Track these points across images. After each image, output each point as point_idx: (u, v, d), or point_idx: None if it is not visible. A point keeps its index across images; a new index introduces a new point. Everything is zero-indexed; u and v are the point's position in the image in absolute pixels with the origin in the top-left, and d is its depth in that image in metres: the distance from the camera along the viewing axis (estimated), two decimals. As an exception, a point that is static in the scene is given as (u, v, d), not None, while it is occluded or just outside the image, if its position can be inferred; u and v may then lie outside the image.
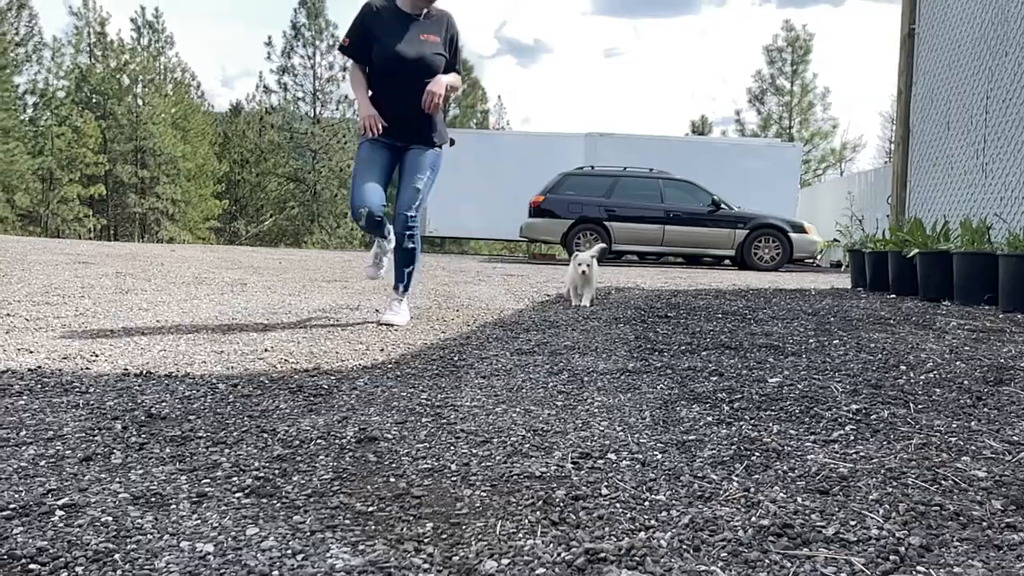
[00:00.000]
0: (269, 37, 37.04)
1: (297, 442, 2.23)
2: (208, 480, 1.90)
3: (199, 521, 1.64)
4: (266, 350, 3.72)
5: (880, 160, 32.45)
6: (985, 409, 2.71)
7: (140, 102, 36.47)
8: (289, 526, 1.62)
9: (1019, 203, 6.73)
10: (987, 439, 2.32)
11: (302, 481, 1.90)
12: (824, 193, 23.03)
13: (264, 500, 1.77)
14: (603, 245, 6.93)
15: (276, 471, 1.97)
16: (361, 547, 1.53)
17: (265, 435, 2.29)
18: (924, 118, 8.39)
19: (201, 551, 1.49)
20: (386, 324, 4.63)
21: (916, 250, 6.87)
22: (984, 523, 1.66)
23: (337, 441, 2.24)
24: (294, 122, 37.50)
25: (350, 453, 2.14)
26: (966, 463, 2.07)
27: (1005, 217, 6.73)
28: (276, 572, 1.41)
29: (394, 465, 2.05)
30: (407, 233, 4.75)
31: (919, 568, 1.44)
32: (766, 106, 36.19)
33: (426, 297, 6.45)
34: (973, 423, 2.51)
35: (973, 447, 2.23)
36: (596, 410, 2.70)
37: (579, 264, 5.72)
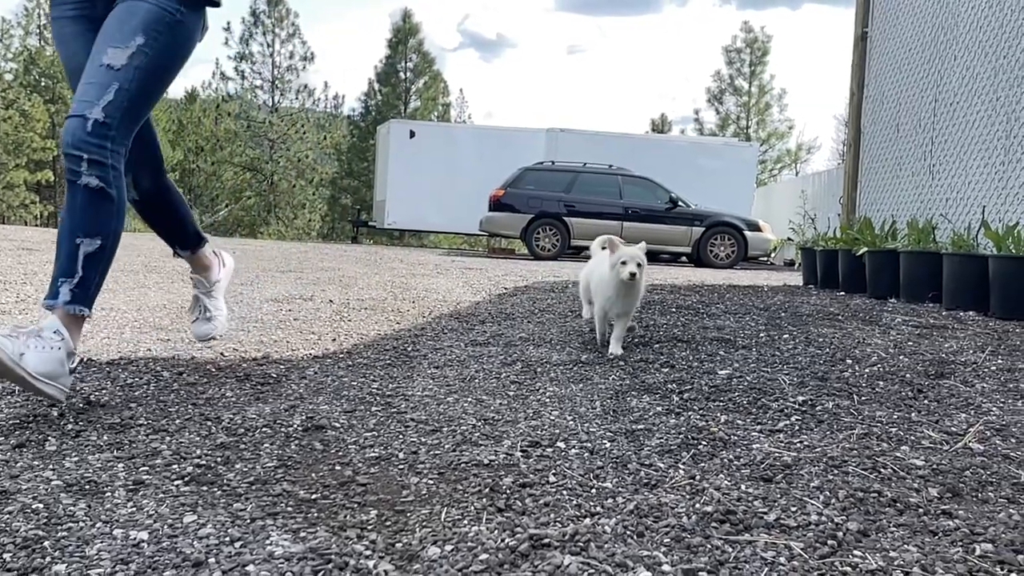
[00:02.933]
0: (227, 23, 36.28)
1: (242, 430, 2.18)
2: (146, 468, 1.85)
3: (134, 509, 1.60)
4: (214, 339, 3.64)
5: (834, 162, 33.18)
6: (925, 401, 2.77)
7: (91, 86, 35.42)
8: (229, 514, 1.59)
9: (964, 204, 6.93)
10: (926, 429, 2.37)
11: (245, 469, 1.87)
12: (779, 193, 23.44)
13: (204, 488, 1.73)
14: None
15: (218, 459, 1.93)
16: (303, 534, 1.50)
17: (209, 423, 2.24)
18: (875, 120, 8.58)
19: (135, 538, 1.45)
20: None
21: (865, 249, 7.02)
22: (920, 509, 1.70)
23: (283, 429, 2.20)
24: (251, 111, 36.85)
25: (296, 441, 2.11)
26: (905, 452, 2.12)
27: (950, 217, 6.92)
28: (212, 559, 1.37)
29: (341, 453, 2.02)
30: (83, 157, 2.28)
31: (856, 552, 1.46)
32: (724, 106, 36.70)
33: (382, 289, 6.40)
34: (913, 414, 2.57)
35: (913, 437, 2.28)
36: (548, 400, 2.70)
37: (624, 262, 3.35)
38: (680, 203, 15.43)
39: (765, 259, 17.21)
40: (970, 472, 1.96)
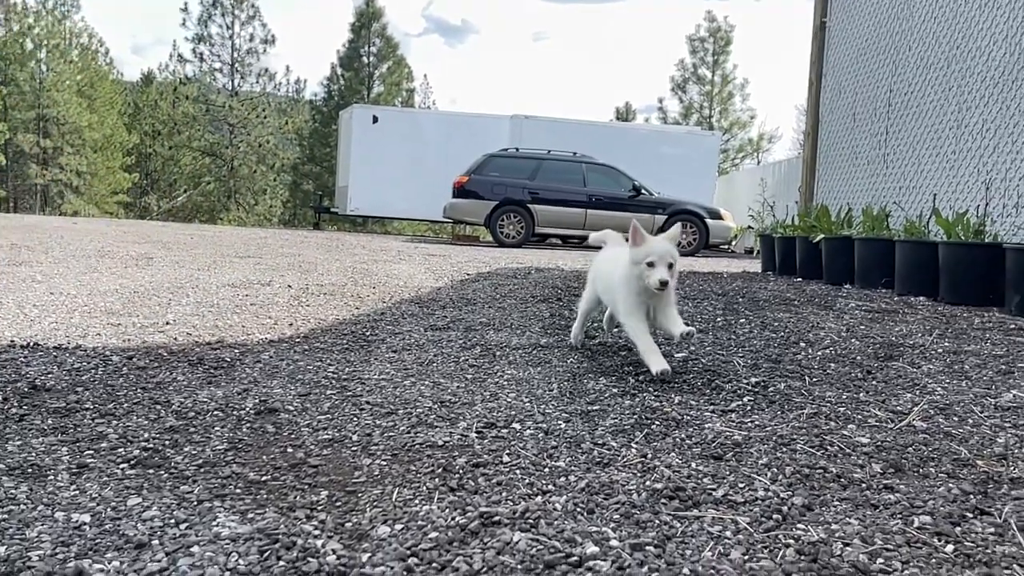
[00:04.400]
0: (185, 3, 35.43)
1: (192, 413, 2.15)
2: (91, 451, 1.81)
3: (77, 492, 1.56)
4: (167, 323, 3.58)
5: (795, 151, 33.66)
6: (874, 382, 2.84)
7: (44, 68, 34.45)
8: (175, 496, 1.57)
9: (916, 192, 7.08)
10: (873, 409, 2.43)
11: (194, 452, 1.84)
12: (740, 181, 23.71)
13: (151, 471, 1.71)
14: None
15: (167, 442, 1.90)
16: (250, 515, 1.48)
17: (158, 407, 2.20)
18: (832, 109, 8.71)
19: (77, 521, 1.42)
20: None
21: (821, 236, 7.14)
22: (864, 484, 1.74)
23: (235, 413, 2.18)
24: (210, 94, 36.11)
25: (248, 424, 2.08)
26: (852, 430, 2.17)
27: (903, 205, 7.06)
28: (156, 541, 1.35)
29: (293, 436, 2.00)
30: None
31: (799, 525, 1.50)
32: (688, 95, 36.96)
33: (342, 274, 6.34)
34: (861, 395, 2.63)
35: (859, 416, 2.33)
36: (505, 383, 2.70)
37: (652, 263, 2.64)
38: (643, 191, 15.51)
39: (726, 247, 17.41)
40: (912, 449, 2.01)
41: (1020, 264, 4.90)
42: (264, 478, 1.69)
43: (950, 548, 1.41)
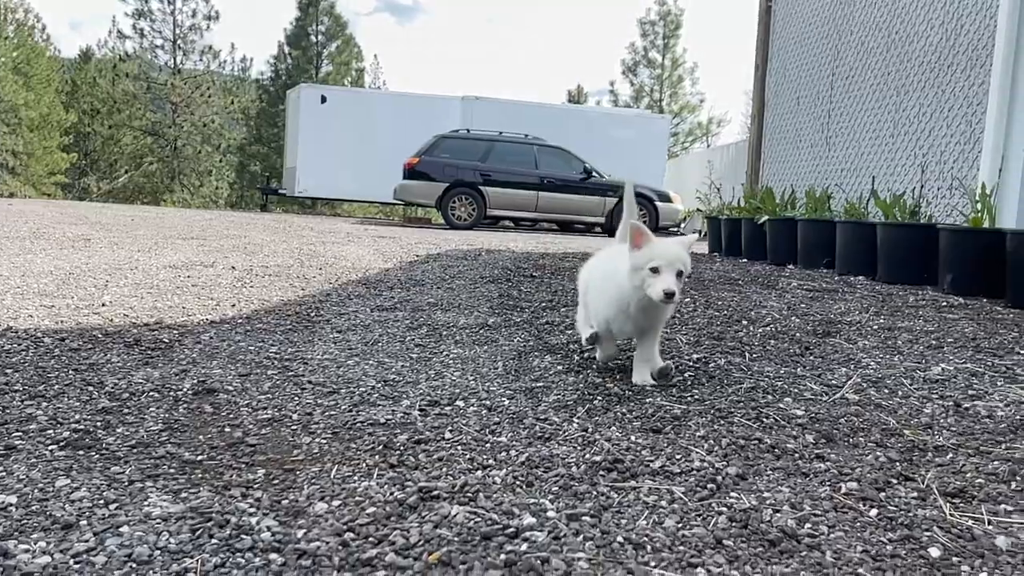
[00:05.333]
0: (124, -23, 34.18)
1: (127, 395, 2.10)
2: (20, 433, 1.76)
3: (4, 473, 1.52)
4: (103, 305, 3.48)
5: (743, 135, 34.18)
6: (811, 358, 2.91)
7: (-27, 43, 32.96)
8: (106, 477, 1.53)
9: (856, 174, 7.26)
10: (809, 383, 2.50)
11: (127, 433, 1.80)
12: (690, 164, 24.00)
13: (81, 452, 1.66)
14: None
15: (99, 423, 1.85)
16: (184, 495, 1.46)
17: (91, 388, 2.14)
18: (777, 93, 8.86)
19: (3, 502, 1.38)
20: None
21: (766, 217, 7.28)
22: (796, 454, 1.78)
23: (172, 393, 2.13)
24: (152, 72, 34.98)
25: (185, 405, 2.04)
26: (787, 403, 2.22)
27: (844, 187, 7.24)
28: (84, 521, 1.32)
29: (231, 416, 1.97)
30: None
31: (733, 494, 1.53)
32: (639, 78, 37.16)
33: (289, 256, 6.24)
34: (799, 369, 2.69)
35: (796, 390, 2.39)
36: (451, 361, 2.70)
37: (656, 269, 2.22)
38: (594, 173, 15.59)
39: (676, 229, 17.64)
40: (844, 420, 2.07)
41: (952, 244, 5.07)
42: (200, 458, 1.66)
43: (874, 512, 1.46)
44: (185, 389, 2.17)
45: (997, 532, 1.40)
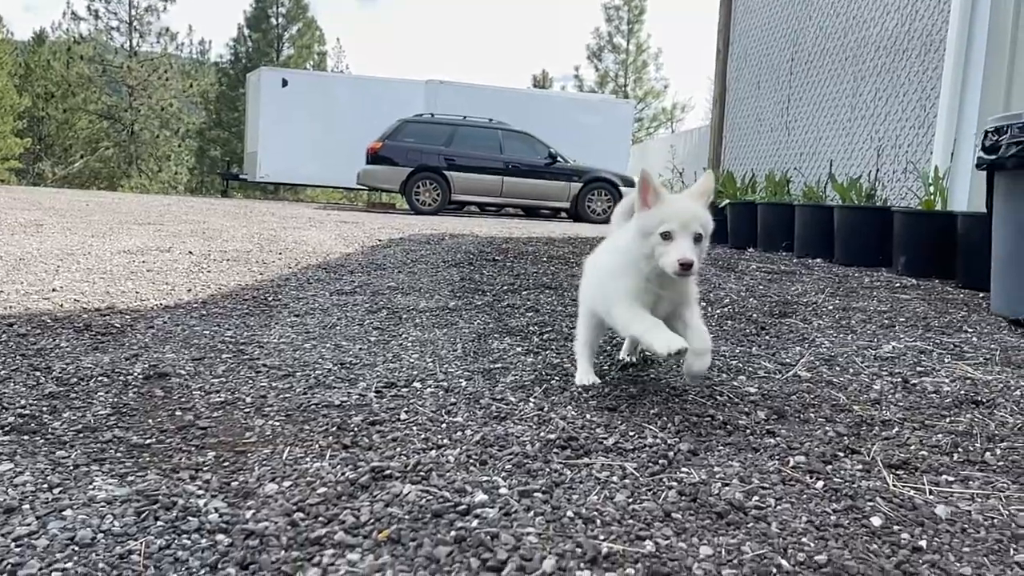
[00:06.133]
0: (77, -43, 33.20)
1: (75, 380, 2.05)
2: (-40, 420, 1.71)
3: (-59, 461, 1.48)
4: (54, 290, 3.40)
5: (707, 121, 34.33)
6: (767, 337, 2.96)
7: (-80, 24, 31.81)
8: (50, 461, 1.50)
9: (815, 158, 7.36)
10: (763, 361, 2.53)
11: (73, 417, 1.76)
12: (654, 150, 24.11)
13: (26, 437, 1.63)
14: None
15: (45, 408, 1.81)
16: (130, 478, 1.43)
17: (38, 373, 2.09)
18: (738, 77, 8.93)
19: (-61, 490, 1.34)
20: None
21: (727, 201, 7.35)
22: (747, 430, 1.81)
23: (122, 378, 2.09)
24: (107, 54, 34.10)
25: (135, 389, 2.00)
26: (741, 381, 2.26)
27: (803, 171, 7.34)
28: (27, 505, 1.29)
29: (183, 399, 1.94)
30: None
31: (684, 469, 1.55)
32: (603, 63, 37.20)
33: (248, 241, 6.15)
34: (754, 348, 2.73)
35: (750, 368, 2.43)
36: (410, 344, 2.69)
37: (667, 234, 1.85)
38: (559, 158, 15.58)
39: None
40: (796, 397, 2.11)
41: (906, 226, 5.17)
42: (148, 441, 1.63)
43: (820, 484, 1.49)
44: (136, 373, 2.14)
45: (937, 501, 1.44)
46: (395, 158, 14.76)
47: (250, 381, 2.12)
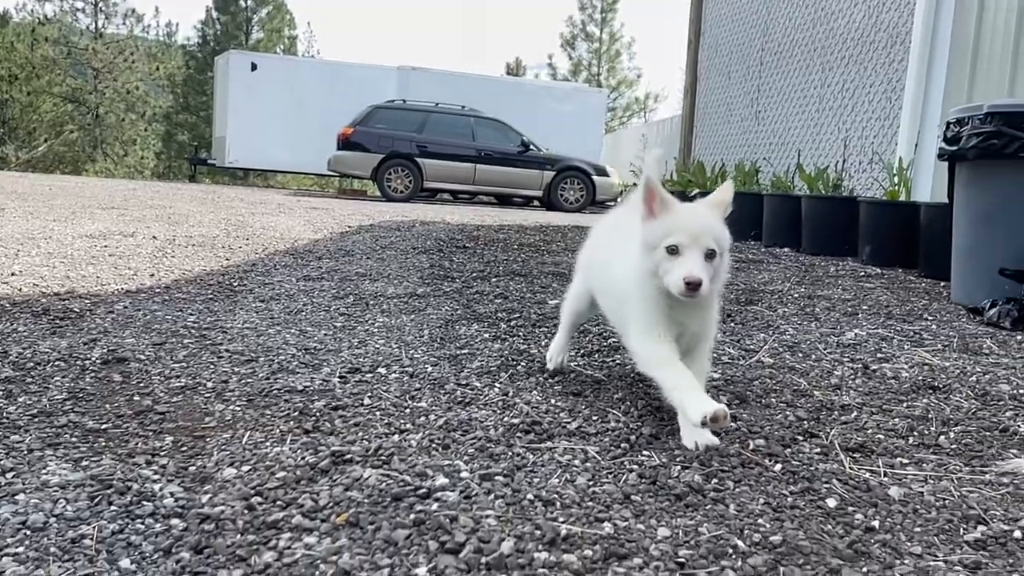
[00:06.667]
0: (39, -65, 32.37)
1: (31, 364, 2.01)
2: (-91, 405, 1.67)
3: None
4: (12, 274, 3.33)
5: (680, 111, 34.40)
6: (732, 324, 2.98)
7: None
8: (4, 446, 1.47)
9: (784, 148, 7.43)
10: (728, 348, 2.56)
11: (29, 402, 1.73)
12: (627, 139, 24.18)
13: (-23, 422, 1.59)
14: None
15: (0, 393, 1.77)
16: (85, 463, 1.41)
17: (-8, 358, 2.05)
18: (709, 67, 8.98)
19: None
20: None
21: (697, 191, 7.39)
22: (710, 414, 1.82)
23: (79, 363, 2.05)
24: (72, 36, 33.31)
25: (92, 374, 1.97)
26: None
27: (772, 161, 7.40)
28: (-25, 492, 1.26)
29: (142, 384, 1.91)
30: None
31: (645, 452, 1.56)
32: (577, 52, 37.14)
33: (215, 226, 6.07)
34: (719, 335, 2.76)
35: (715, 354, 2.45)
36: (376, 330, 2.67)
37: (673, 249, 1.59)
38: (532, 147, 15.55)
39: (613, 204, 17.79)
40: (758, 382, 2.13)
41: (871, 216, 5.25)
42: (104, 426, 1.61)
43: (779, 467, 1.51)
44: (94, 358, 2.10)
45: (891, 483, 1.46)
46: (366, 144, 14.63)
47: (212, 366, 2.10)
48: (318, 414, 1.73)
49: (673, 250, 1.58)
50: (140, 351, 2.20)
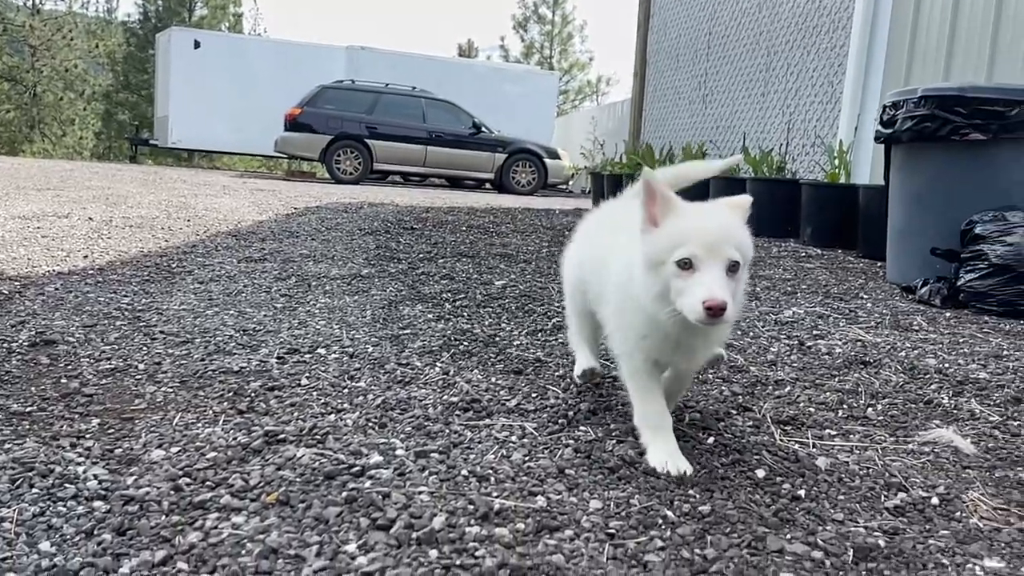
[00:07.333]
0: (-34, -97, 30.86)
1: (-48, 348, 1.94)
2: None
3: None
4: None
5: (631, 95, 34.45)
6: (675, 303, 3.02)
7: None
8: (-83, 432, 1.41)
9: (730, 131, 7.53)
10: (669, 326, 2.59)
11: (-53, 386, 1.66)
12: (578, 122, 24.20)
13: None
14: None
15: (-86, 377, 1.70)
16: (7, 446, 1.36)
17: (-91, 342, 1.97)
18: (658, 50, 9.03)
19: None
20: None
21: (646, 172, 7.46)
22: (648, 390, 1.85)
23: (5, 345, 1.98)
24: (7, 12, 31.93)
25: (19, 357, 1.90)
26: (646, 344, 2.30)
27: (719, 144, 7.50)
28: None
29: (70, 367, 1.85)
30: None
31: (582, 428, 1.57)
32: (529, 34, 37.03)
33: (155, 208, 5.91)
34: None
35: (656, 332, 2.48)
36: (317, 311, 2.64)
37: (686, 264, 1.27)
38: (483, 129, 15.47)
39: (564, 186, 17.82)
40: (697, 358, 2.16)
41: (812, 198, 5.36)
42: (29, 409, 1.56)
43: (711, 440, 1.53)
44: (21, 340, 2.03)
45: (819, 454, 1.50)
46: (314, 125, 14.38)
47: (144, 348, 2.05)
48: (253, 395, 1.70)
49: (686, 264, 1.26)
50: (70, 333, 2.14)
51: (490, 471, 1.33)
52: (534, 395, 1.77)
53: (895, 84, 5.38)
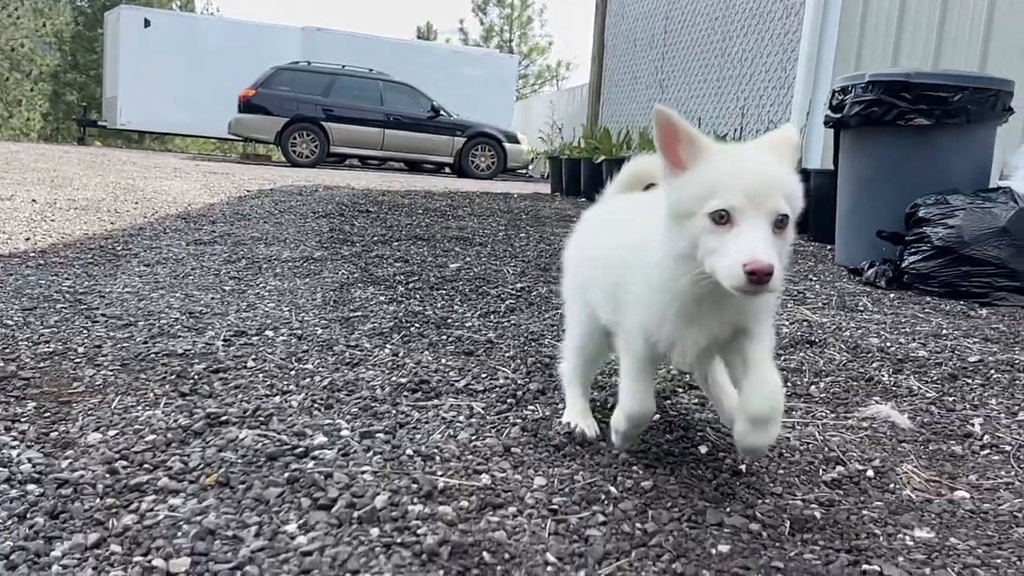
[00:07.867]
0: None
1: None
2: None
3: None
4: None
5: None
6: (628, 285, 3.04)
7: None
8: None
9: (688, 116, 7.57)
10: (621, 307, 2.61)
11: None
12: (538, 106, 24.17)
13: None
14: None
15: None
16: (-66, 432, 1.32)
17: None
18: (616, 35, 9.04)
19: None
20: None
21: (603, 157, 7.48)
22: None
23: (-64, 329, 1.92)
24: (-57, -15, 30.68)
25: (-49, 341, 1.84)
26: (597, 325, 2.31)
27: (675, 129, 7.56)
28: None
29: (7, 350, 1.80)
30: None
31: (530, 407, 1.58)
32: (488, 17, 36.79)
33: (102, 190, 5.76)
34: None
35: (608, 313, 2.50)
36: (267, 293, 2.60)
37: (723, 216, 1.04)
38: (442, 112, 15.35)
39: (523, 171, 17.81)
40: (647, 339, 2.19)
41: (765, 182, 5.43)
42: (-41, 394, 1.51)
43: (657, 417, 1.55)
44: (-47, 325, 1.96)
45: (761, 430, 1.53)
46: (269, 107, 14.11)
47: (85, 331, 1.99)
48: (196, 377, 1.67)
49: (722, 217, 1.04)
50: (8, 316, 2.07)
51: (435, 451, 1.33)
52: (484, 376, 1.77)
53: (846, 70, 5.47)
